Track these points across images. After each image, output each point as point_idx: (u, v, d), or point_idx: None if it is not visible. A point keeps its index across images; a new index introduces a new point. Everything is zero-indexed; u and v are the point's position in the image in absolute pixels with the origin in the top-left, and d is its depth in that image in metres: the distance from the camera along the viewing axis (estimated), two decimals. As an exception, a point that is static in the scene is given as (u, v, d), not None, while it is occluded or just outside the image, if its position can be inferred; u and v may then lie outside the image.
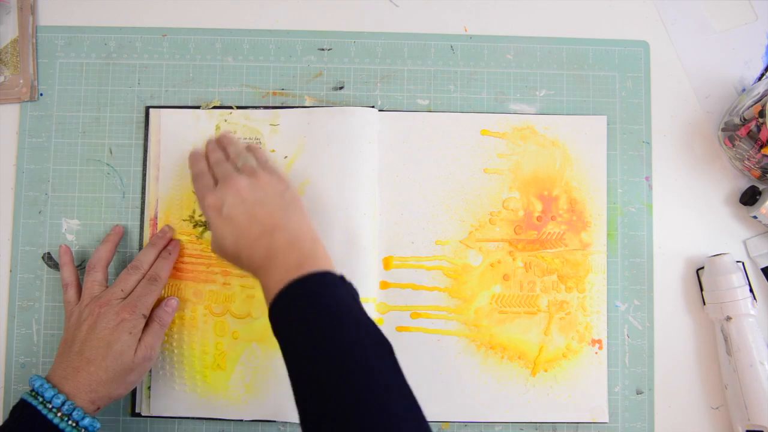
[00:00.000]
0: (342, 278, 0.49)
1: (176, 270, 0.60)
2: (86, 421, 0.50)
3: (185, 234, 0.61)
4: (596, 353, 0.61)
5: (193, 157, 0.57)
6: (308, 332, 0.45)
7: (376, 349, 0.44)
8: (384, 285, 0.61)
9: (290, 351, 0.46)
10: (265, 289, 0.49)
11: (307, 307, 0.46)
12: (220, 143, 0.58)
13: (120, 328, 0.53)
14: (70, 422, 0.49)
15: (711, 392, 0.62)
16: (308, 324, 0.45)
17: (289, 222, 0.51)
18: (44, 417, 0.49)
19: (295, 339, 0.45)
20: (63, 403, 0.49)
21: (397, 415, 0.41)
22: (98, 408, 0.52)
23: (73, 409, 0.50)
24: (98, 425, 0.51)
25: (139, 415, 0.59)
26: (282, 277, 0.47)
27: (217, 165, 0.55)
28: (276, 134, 0.61)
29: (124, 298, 0.55)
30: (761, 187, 0.62)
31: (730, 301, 0.59)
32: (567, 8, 0.64)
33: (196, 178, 0.55)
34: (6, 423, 0.50)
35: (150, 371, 0.59)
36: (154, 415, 0.59)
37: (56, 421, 0.49)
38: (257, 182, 0.52)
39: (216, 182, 0.54)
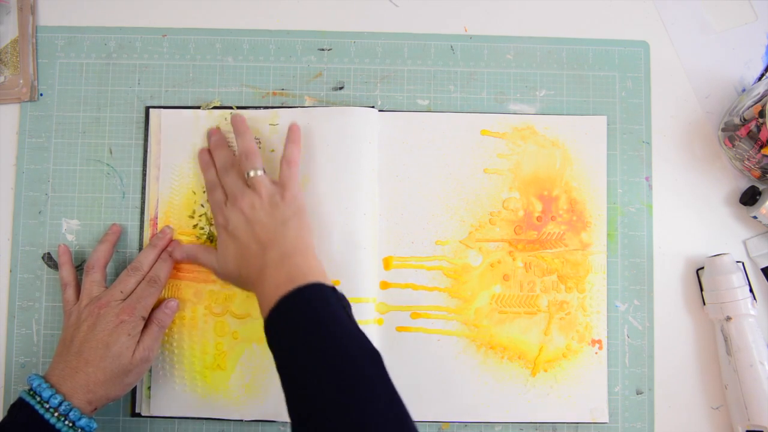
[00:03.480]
0: (333, 289, 0.50)
1: (176, 270, 0.60)
2: (83, 422, 0.50)
3: (186, 234, 0.61)
4: (596, 353, 0.61)
5: (203, 163, 0.60)
6: (299, 345, 0.46)
7: (366, 360, 0.46)
8: (384, 285, 0.61)
9: (283, 363, 0.47)
10: (260, 304, 0.51)
11: (298, 321, 0.47)
12: (219, 138, 0.59)
13: (119, 330, 0.53)
14: (66, 422, 0.49)
15: (711, 392, 0.62)
16: (299, 337, 0.46)
17: (284, 238, 0.53)
18: (41, 416, 0.49)
19: (287, 351, 0.47)
20: (60, 403, 0.50)
21: (386, 422, 0.42)
22: (95, 408, 0.52)
23: (70, 410, 0.50)
24: (95, 425, 0.51)
25: (139, 415, 0.59)
26: (274, 292, 0.49)
27: (224, 175, 0.57)
28: (276, 134, 0.61)
29: (124, 300, 0.55)
30: (761, 187, 0.62)
31: (730, 301, 0.59)
32: (567, 8, 0.64)
33: (209, 190, 0.59)
34: (4, 421, 0.50)
35: (150, 371, 0.59)
36: (154, 415, 0.59)
37: (53, 420, 0.49)
38: (260, 200, 0.54)
39: (227, 196, 0.56)
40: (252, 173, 0.56)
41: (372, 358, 0.46)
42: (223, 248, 0.55)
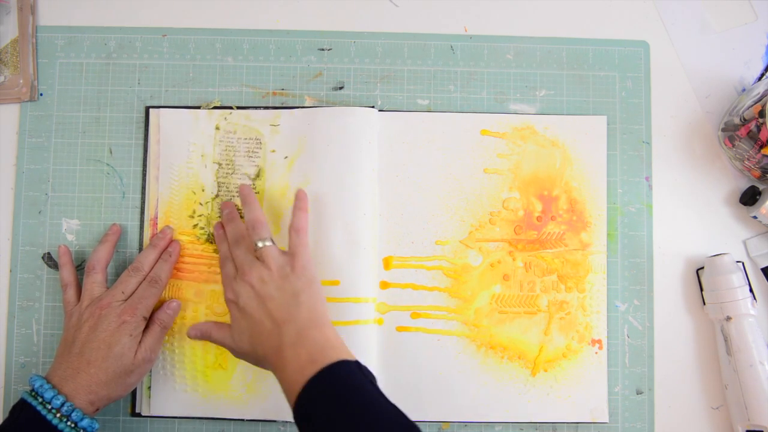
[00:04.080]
0: (357, 364, 0.48)
1: (177, 270, 0.60)
2: (85, 422, 0.50)
3: (186, 234, 0.61)
4: (596, 353, 0.61)
5: (217, 237, 0.59)
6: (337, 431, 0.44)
7: None
8: (384, 285, 0.61)
9: None
10: (284, 389, 0.49)
11: (330, 406, 0.45)
12: (231, 211, 0.59)
13: (120, 330, 0.53)
14: (69, 423, 0.50)
15: (711, 392, 0.62)
16: (335, 423, 0.44)
17: (298, 313, 0.51)
18: (43, 417, 0.49)
19: None
20: (62, 404, 0.50)
21: None
22: (97, 409, 0.52)
23: (72, 410, 0.50)
24: (97, 426, 0.51)
25: (139, 415, 0.59)
26: (297, 377, 0.47)
27: (235, 248, 0.56)
28: (276, 134, 0.61)
29: (125, 300, 0.55)
30: (761, 187, 0.62)
31: (730, 301, 0.59)
32: (567, 8, 0.64)
33: (221, 264, 0.58)
34: (5, 422, 0.50)
35: (150, 371, 0.59)
36: (154, 415, 0.59)
37: (55, 421, 0.49)
38: (270, 274, 0.53)
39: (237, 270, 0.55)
40: (260, 244, 0.54)
41: None
42: (236, 325, 0.53)
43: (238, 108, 0.62)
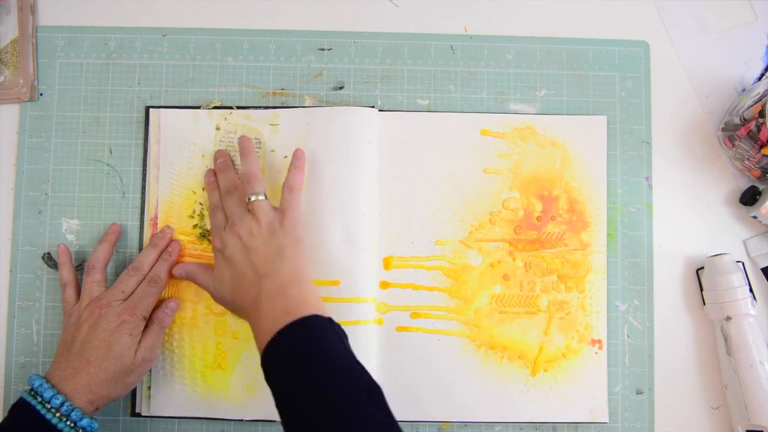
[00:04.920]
0: (330, 320, 0.49)
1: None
2: (84, 422, 0.50)
3: (185, 234, 0.61)
4: (596, 353, 0.61)
5: (208, 184, 0.59)
6: (298, 381, 0.45)
7: (367, 395, 0.45)
8: (384, 285, 0.61)
9: (281, 399, 0.46)
10: (256, 338, 0.50)
11: (296, 356, 0.46)
12: (225, 160, 0.59)
13: (120, 330, 0.53)
14: (68, 422, 0.49)
15: (711, 392, 0.62)
16: (298, 372, 0.46)
17: (280, 269, 0.52)
18: (42, 417, 0.49)
19: (286, 387, 0.46)
20: (62, 404, 0.50)
21: None
22: (97, 408, 0.52)
23: (72, 410, 0.50)
24: (96, 425, 0.51)
25: (139, 415, 0.59)
26: (270, 326, 0.48)
27: (226, 198, 0.57)
28: (276, 134, 0.61)
29: (125, 300, 0.55)
30: (761, 187, 0.62)
31: (730, 301, 0.59)
32: (567, 8, 0.64)
33: (210, 212, 0.58)
34: (5, 421, 0.50)
35: (150, 371, 0.59)
36: (154, 415, 0.59)
37: (54, 421, 0.49)
38: (258, 227, 0.54)
39: (227, 220, 0.56)
40: (253, 198, 0.55)
41: (373, 392, 0.45)
42: (219, 273, 0.55)
43: (238, 108, 0.62)
